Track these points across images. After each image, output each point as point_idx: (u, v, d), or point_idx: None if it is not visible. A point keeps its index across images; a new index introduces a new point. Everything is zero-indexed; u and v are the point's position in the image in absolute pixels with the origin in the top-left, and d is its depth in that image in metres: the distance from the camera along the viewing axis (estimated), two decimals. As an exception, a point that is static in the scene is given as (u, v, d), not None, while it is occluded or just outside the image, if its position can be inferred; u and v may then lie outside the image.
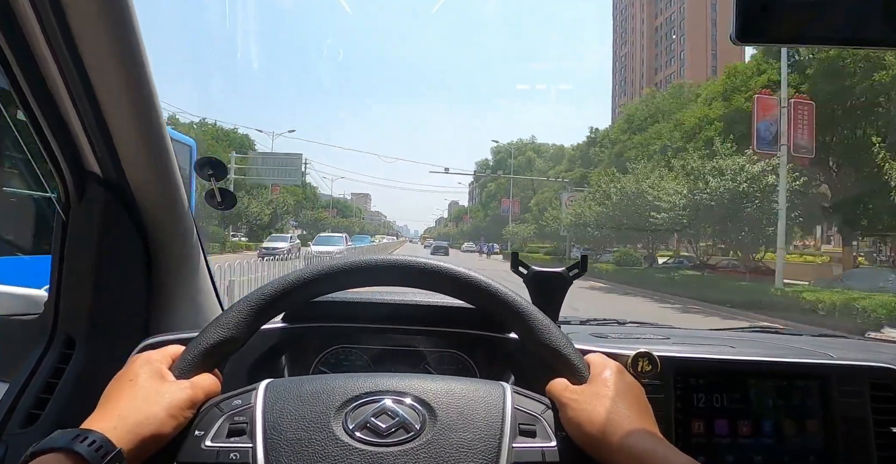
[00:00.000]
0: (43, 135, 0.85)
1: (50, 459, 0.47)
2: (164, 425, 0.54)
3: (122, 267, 0.97)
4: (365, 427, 0.56)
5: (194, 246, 1.09)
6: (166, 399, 0.56)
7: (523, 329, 0.67)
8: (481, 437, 0.56)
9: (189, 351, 0.62)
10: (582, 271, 0.96)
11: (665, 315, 11.97)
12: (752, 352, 0.95)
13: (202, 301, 1.13)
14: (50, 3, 0.70)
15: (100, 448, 0.48)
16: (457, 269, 0.71)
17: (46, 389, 0.89)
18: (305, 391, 0.59)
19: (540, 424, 0.60)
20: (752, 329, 1.49)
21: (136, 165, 0.91)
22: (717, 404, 0.87)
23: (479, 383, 0.63)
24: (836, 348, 1.06)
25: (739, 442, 0.86)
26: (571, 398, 0.60)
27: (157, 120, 0.88)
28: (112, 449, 0.49)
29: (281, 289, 0.67)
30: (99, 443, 0.48)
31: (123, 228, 0.95)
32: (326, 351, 0.95)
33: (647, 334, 1.16)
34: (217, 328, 0.63)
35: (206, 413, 0.58)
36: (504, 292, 0.69)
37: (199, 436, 0.56)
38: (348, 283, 0.72)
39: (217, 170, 1.07)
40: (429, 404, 0.59)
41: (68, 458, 0.47)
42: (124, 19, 0.75)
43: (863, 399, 0.89)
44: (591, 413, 0.58)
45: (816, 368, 0.91)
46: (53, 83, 0.79)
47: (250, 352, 0.83)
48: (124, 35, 0.76)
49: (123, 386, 0.57)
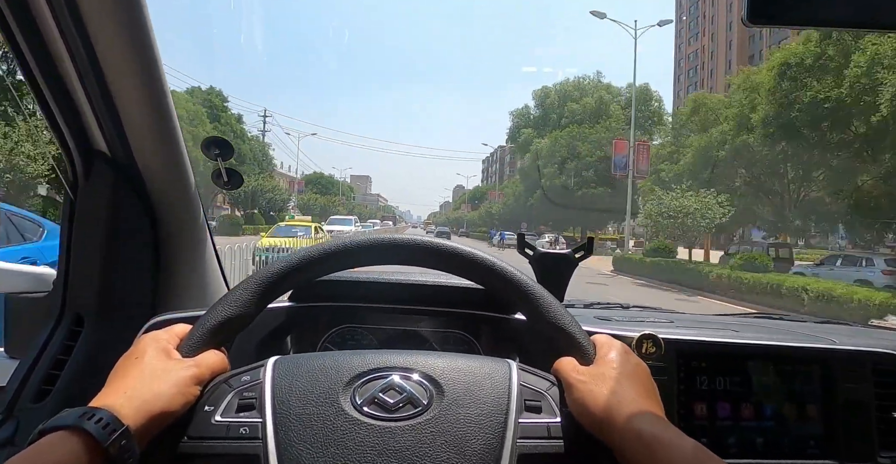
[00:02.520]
0: (51, 113, 0.85)
1: (58, 437, 0.47)
2: (172, 402, 0.54)
3: (130, 246, 0.97)
4: (373, 402, 0.57)
5: (201, 226, 1.09)
6: (173, 376, 0.56)
7: (530, 308, 0.68)
8: (488, 412, 0.57)
9: (197, 329, 0.62)
10: (587, 254, 0.96)
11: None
12: (756, 336, 0.95)
13: (209, 280, 1.14)
14: None
15: (107, 425, 0.48)
16: (463, 248, 0.71)
17: (56, 365, 0.90)
18: (314, 367, 0.60)
19: (545, 400, 0.60)
20: (756, 315, 1.50)
21: (144, 145, 0.91)
22: (719, 386, 0.88)
23: (486, 360, 0.64)
24: (840, 334, 1.06)
25: (741, 425, 0.87)
26: (578, 379, 0.60)
27: (165, 100, 0.88)
28: (119, 426, 0.49)
29: (288, 267, 0.67)
30: (106, 420, 0.49)
31: (131, 207, 0.95)
32: (333, 330, 0.96)
33: (651, 318, 1.16)
34: (225, 306, 0.63)
35: (215, 389, 0.58)
36: (511, 272, 0.69)
37: (209, 411, 0.56)
38: (355, 262, 0.72)
39: (223, 149, 1.06)
40: (436, 380, 0.59)
41: (76, 435, 0.47)
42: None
43: (865, 384, 0.89)
44: (596, 394, 0.58)
45: (819, 352, 0.92)
46: (62, 63, 0.79)
47: (257, 330, 0.85)
48: (132, 13, 0.76)
49: (130, 364, 0.57)
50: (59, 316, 0.96)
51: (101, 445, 0.47)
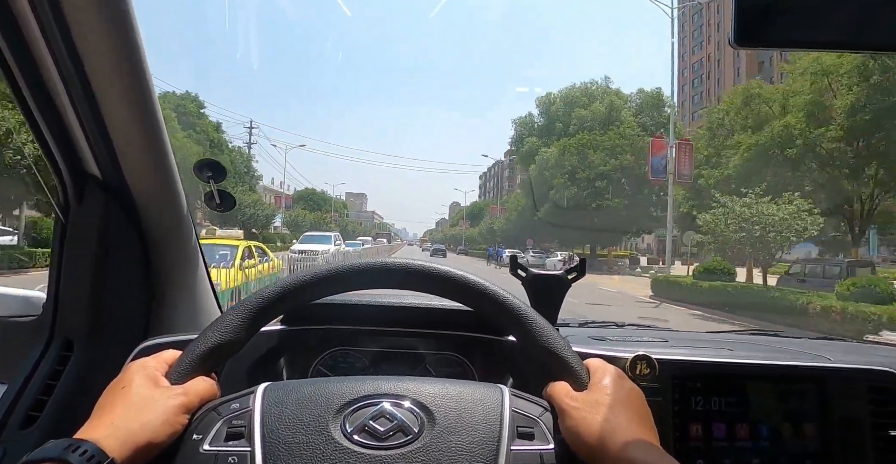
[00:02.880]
0: (42, 137, 0.85)
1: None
2: (159, 433, 0.54)
3: (121, 269, 0.97)
4: (363, 430, 0.56)
5: (193, 248, 1.09)
6: (160, 406, 0.55)
7: (521, 332, 0.67)
8: (479, 440, 0.56)
9: (186, 355, 0.62)
10: (580, 275, 0.96)
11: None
12: (750, 355, 0.95)
13: (201, 303, 1.13)
14: (50, 7, 0.70)
15: (92, 458, 0.48)
16: (455, 271, 0.71)
17: (45, 390, 0.89)
18: (304, 394, 0.59)
19: (538, 426, 0.60)
20: (751, 331, 1.49)
21: (136, 168, 0.91)
22: (715, 407, 0.87)
23: (478, 386, 0.63)
24: (834, 351, 1.06)
25: (737, 445, 0.86)
26: (571, 405, 0.60)
27: (156, 123, 0.88)
28: (104, 459, 0.48)
29: (280, 292, 0.67)
30: (91, 452, 0.48)
31: (122, 230, 0.95)
32: (325, 353, 0.95)
33: (646, 337, 1.16)
34: (215, 332, 0.63)
35: (203, 417, 0.58)
36: (501, 295, 0.69)
37: (198, 440, 0.56)
38: (347, 286, 0.72)
39: (216, 172, 1.07)
40: (427, 407, 0.59)
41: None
42: (124, 21, 0.76)
43: (860, 402, 0.88)
44: (590, 422, 0.57)
45: (814, 371, 0.91)
46: (53, 86, 0.79)
47: (249, 354, 0.84)
48: (124, 37, 0.77)
49: (117, 394, 0.57)
50: (49, 340, 0.95)
51: None
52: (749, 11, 0.50)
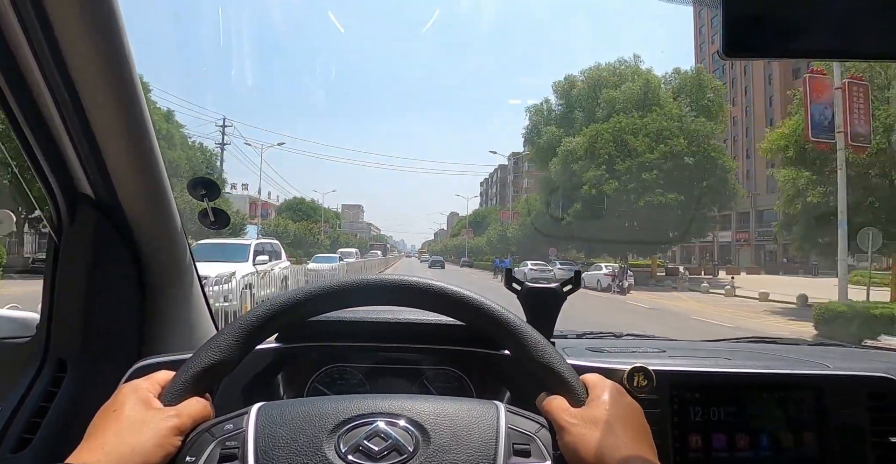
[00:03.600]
0: (34, 157, 0.86)
1: None
2: (151, 456, 0.53)
3: (115, 289, 0.97)
4: (357, 450, 0.56)
5: (188, 267, 1.09)
6: (152, 428, 0.55)
7: (515, 346, 0.67)
8: (475, 458, 0.56)
9: (179, 376, 0.61)
10: (576, 287, 0.95)
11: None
12: (748, 364, 0.95)
13: (196, 322, 1.13)
14: (40, 26, 0.71)
15: None
16: (448, 286, 0.71)
17: (38, 412, 0.88)
18: (297, 414, 0.59)
19: (534, 443, 0.59)
20: (749, 339, 1.48)
21: (129, 188, 0.91)
22: (713, 417, 0.87)
23: (473, 403, 0.63)
24: (833, 358, 1.06)
25: (737, 456, 0.85)
26: (569, 422, 0.59)
27: (149, 142, 0.88)
28: None
29: (273, 311, 0.67)
30: None
31: (116, 250, 0.95)
32: (322, 370, 0.95)
33: (644, 347, 1.15)
34: (208, 352, 0.63)
35: (197, 438, 0.57)
36: (495, 309, 0.69)
37: (191, 462, 0.55)
38: (340, 303, 0.72)
39: (210, 190, 1.07)
40: (422, 426, 0.59)
41: None
42: (115, 41, 0.76)
43: (860, 409, 0.88)
44: (588, 439, 0.57)
45: (812, 378, 0.91)
46: (45, 106, 0.79)
47: (245, 372, 0.84)
48: (115, 57, 0.77)
49: (109, 417, 0.57)
50: (42, 361, 0.94)
51: None
52: (738, 23, 0.50)
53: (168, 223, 1.00)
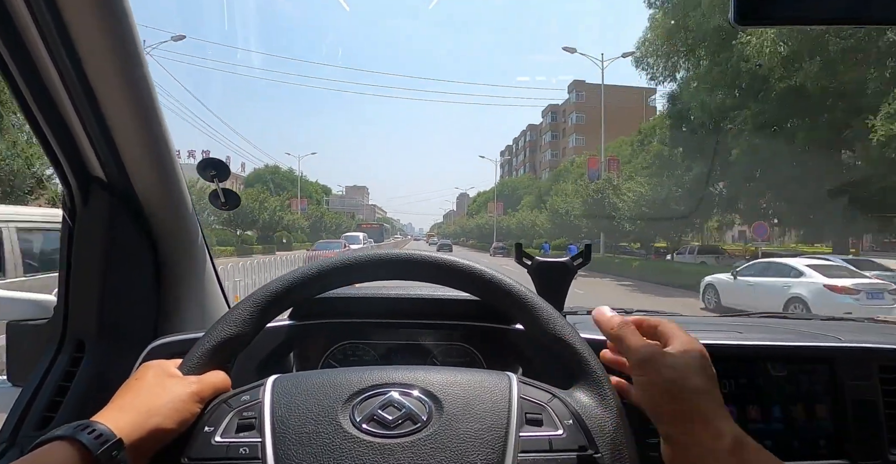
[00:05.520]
0: (46, 141, 0.86)
1: (54, 446, 0.49)
2: (168, 418, 0.55)
3: (130, 270, 0.98)
4: (372, 419, 0.57)
5: (200, 248, 1.10)
6: (170, 393, 0.57)
7: (528, 319, 0.68)
8: (488, 427, 0.57)
9: (197, 349, 0.62)
10: (586, 261, 0.96)
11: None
12: (760, 337, 0.95)
13: (209, 302, 1.14)
14: (49, 11, 0.71)
15: (100, 436, 0.50)
16: (461, 261, 0.71)
17: (58, 392, 0.90)
18: (313, 385, 0.60)
19: (546, 412, 0.60)
20: (760, 314, 1.49)
21: (140, 169, 0.92)
22: (725, 389, 0.87)
23: (486, 374, 0.64)
24: (845, 331, 1.05)
25: (749, 428, 0.86)
26: (666, 363, 0.61)
27: (159, 123, 0.88)
28: (112, 437, 0.50)
29: (285, 286, 0.67)
30: (99, 431, 0.50)
31: (129, 231, 0.96)
32: (334, 347, 0.96)
33: None
34: (224, 326, 0.64)
35: (215, 409, 0.58)
36: (508, 283, 0.69)
37: (209, 432, 0.56)
38: (352, 278, 0.72)
39: (220, 170, 1.08)
40: (435, 396, 0.59)
41: (70, 445, 0.49)
42: (123, 24, 0.76)
43: (872, 381, 0.88)
44: (671, 378, 0.60)
45: (824, 351, 0.91)
46: (55, 90, 0.80)
47: (259, 349, 0.85)
48: (123, 38, 0.77)
49: (130, 384, 0.59)
50: (61, 342, 0.96)
51: (91, 454, 0.48)
52: None
53: (180, 204, 1.00)
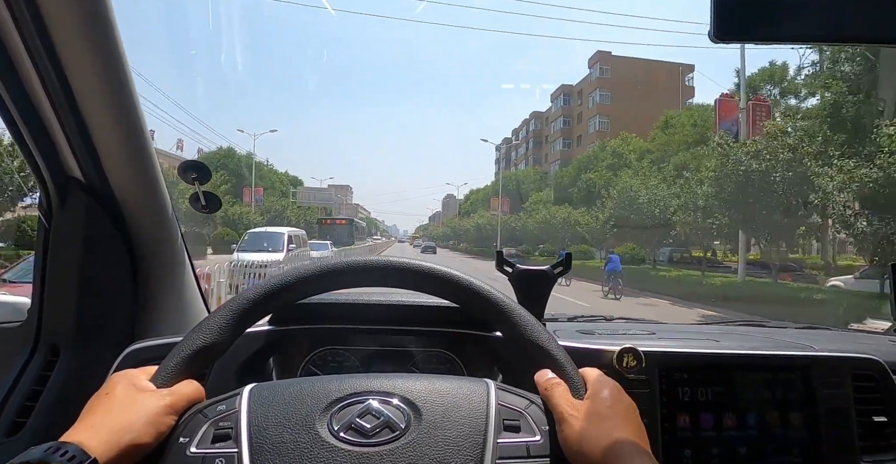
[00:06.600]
0: (23, 141, 0.85)
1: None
2: (142, 434, 0.54)
3: (107, 273, 0.96)
4: (350, 428, 0.57)
5: (179, 250, 1.09)
6: (142, 407, 0.56)
7: (507, 326, 0.68)
8: (466, 434, 0.57)
9: (171, 358, 0.61)
10: (566, 269, 0.96)
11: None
12: (736, 345, 0.96)
13: (188, 305, 1.13)
14: (28, 11, 0.70)
15: (73, 458, 0.48)
16: (439, 268, 0.71)
17: (31, 396, 0.88)
18: (290, 394, 0.59)
19: (524, 419, 0.60)
20: (738, 322, 1.51)
21: (119, 171, 0.90)
22: (701, 397, 0.88)
23: (464, 381, 0.64)
24: (819, 340, 1.08)
25: (725, 435, 0.87)
26: (572, 414, 0.60)
27: (139, 125, 0.87)
28: (86, 459, 0.49)
29: (263, 292, 0.67)
30: (72, 453, 0.48)
31: (107, 234, 0.94)
32: (314, 353, 0.95)
33: (633, 330, 1.17)
34: (199, 334, 0.63)
35: (190, 419, 0.58)
36: (487, 290, 0.70)
37: (184, 443, 0.56)
38: (332, 285, 0.72)
39: (200, 173, 1.06)
40: (413, 403, 0.59)
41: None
42: (104, 24, 0.75)
43: (845, 389, 0.90)
44: (592, 435, 0.58)
45: (798, 359, 0.92)
46: (33, 89, 0.79)
47: (237, 355, 0.84)
48: (104, 40, 0.76)
49: (101, 400, 0.57)
50: (34, 346, 0.94)
51: None
52: (728, 5, 0.50)
53: (158, 206, 0.99)
